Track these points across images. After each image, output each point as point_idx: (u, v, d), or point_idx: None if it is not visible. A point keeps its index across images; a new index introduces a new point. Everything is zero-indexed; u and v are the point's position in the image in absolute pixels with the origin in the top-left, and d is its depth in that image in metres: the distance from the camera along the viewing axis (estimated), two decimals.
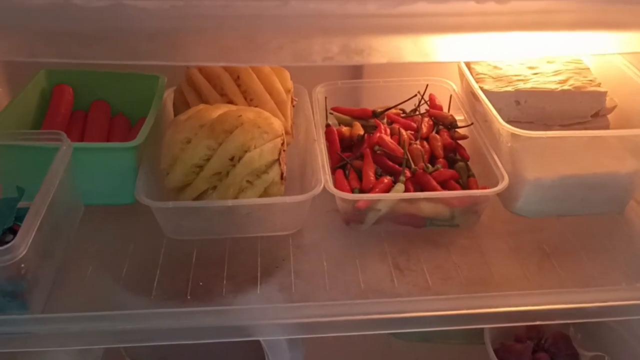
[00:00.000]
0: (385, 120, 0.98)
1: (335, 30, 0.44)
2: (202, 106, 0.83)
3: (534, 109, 0.90)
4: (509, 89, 0.91)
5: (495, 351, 0.95)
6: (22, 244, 0.61)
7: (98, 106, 0.96)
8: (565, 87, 0.90)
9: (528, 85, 0.91)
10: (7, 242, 0.70)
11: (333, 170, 0.87)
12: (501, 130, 0.82)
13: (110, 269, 0.76)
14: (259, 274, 0.76)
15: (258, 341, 0.81)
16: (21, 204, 0.73)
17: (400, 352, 0.96)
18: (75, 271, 0.74)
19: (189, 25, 0.44)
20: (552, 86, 0.90)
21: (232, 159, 0.78)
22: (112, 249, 0.79)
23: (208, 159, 0.78)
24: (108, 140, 0.92)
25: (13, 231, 0.72)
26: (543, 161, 0.81)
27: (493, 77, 0.94)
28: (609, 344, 0.98)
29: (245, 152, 0.78)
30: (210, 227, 0.80)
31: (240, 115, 0.79)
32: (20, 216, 0.72)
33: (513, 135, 0.79)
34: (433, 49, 0.46)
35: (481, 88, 0.90)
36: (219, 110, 0.81)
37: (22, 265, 0.63)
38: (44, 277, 0.69)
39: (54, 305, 0.69)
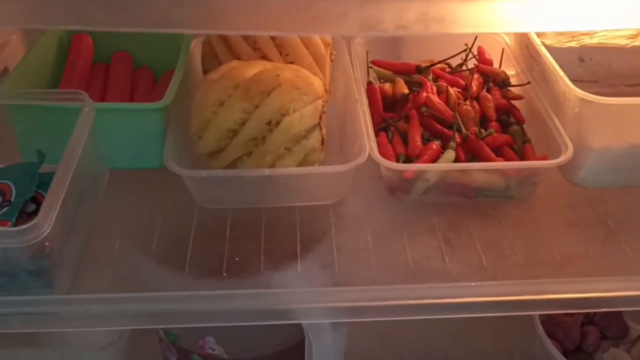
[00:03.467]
0: (430, 77, 0.90)
1: None
2: (235, 63, 0.75)
3: (600, 66, 0.81)
4: (573, 44, 0.82)
5: (542, 323, 0.90)
6: (46, 222, 0.56)
7: (120, 58, 0.89)
8: (637, 42, 0.81)
9: (594, 41, 0.82)
10: (30, 213, 0.65)
11: (375, 132, 0.80)
12: (567, 94, 0.74)
13: (139, 243, 0.70)
14: (298, 249, 0.71)
15: None
16: (42, 169, 0.68)
17: (442, 322, 0.91)
18: (102, 245, 0.69)
19: None
20: (622, 42, 0.81)
21: (269, 124, 0.71)
22: (140, 220, 0.74)
23: (243, 123, 0.71)
24: (131, 96, 0.85)
25: (35, 200, 0.66)
26: (612, 129, 0.73)
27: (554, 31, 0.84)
28: None
29: (284, 115, 0.71)
30: (245, 196, 0.74)
31: (278, 75, 0.72)
32: (42, 182, 0.67)
33: (583, 100, 0.71)
34: (524, 17, 0.38)
35: (544, 43, 0.81)
36: (254, 68, 0.73)
37: (46, 243, 0.58)
38: (69, 253, 0.64)
39: (80, 283, 0.64)
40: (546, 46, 0.81)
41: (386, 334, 0.95)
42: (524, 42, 0.89)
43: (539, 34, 0.83)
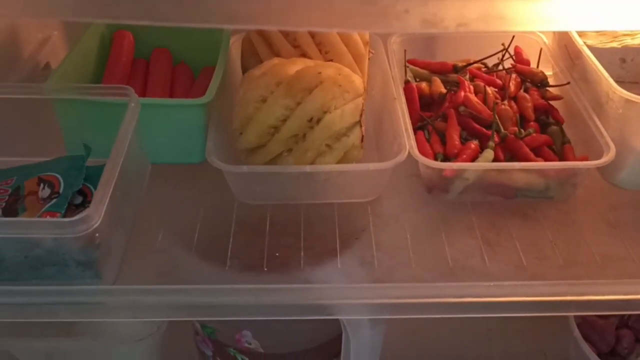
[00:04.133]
0: (467, 76, 0.90)
1: None
2: (276, 60, 0.76)
3: None
4: (615, 44, 0.81)
5: (577, 325, 0.89)
6: (97, 213, 0.57)
7: (160, 54, 0.90)
8: None
9: (637, 41, 0.81)
10: (77, 205, 0.67)
11: (413, 131, 0.80)
12: (611, 94, 0.73)
13: (181, 236, 0.71)
14: (337, 246, 0.71)
15: None
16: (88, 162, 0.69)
17: (475, 321, 0.91)
18: (145, 238, 0.70)
19: None
20: None
21: (310, 120, 0.71)
22: (182, 213, 0.75)
23: (284, 120, 0.72)
24: (171, 92, 0.86)
25: (82, 192, 0.68)
26: None
27: (595, 31, 0.84)
28: None
29: (325, 113, 0.71)
30: (284, 192, 0.75)
31: (320, 72, 0.72)
32: (88, 175, 0.68)
33: (627, 101, 0.70)
34: (591, 15, 0.38)
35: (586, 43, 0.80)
36: (296, 65, 0.74)
37: (97, 234, 0.59)
38: (116, 245, 0.66)
39: (126, 275, 0.65)
40: (587, 46, 0.81)
41: (419, 333, 0.95)
42: (563, 42, 0.89)
43: (580, 34, 0.83)
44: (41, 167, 0.69)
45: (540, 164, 0.74)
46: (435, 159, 0.77)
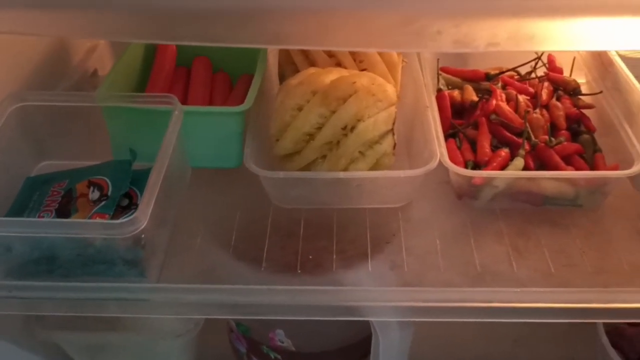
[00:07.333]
0: (499, 84, 0.91)
1: (504, 13, 0.39)
2: (313, 70, 0.79)
3: None
4: None
5: (606, 333, 0.90)
6: (143, 216, 0.61)
7: (200, 62, 0.94)
8: None
9: None
10: (124, 207, 0.71)
11: (444, 139, 0.82)
12: None
13: (219, 238, 0.75)
14: (369, 250, 0.74)
15: None
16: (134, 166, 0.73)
17: (503, 328, 0.93)
18: (185, 239, 0.74)
19: (339, 6, 0.39)
20: None
21: (344, 128, 0.74)
22: (219, 216, 0.78)
23: (319, 127, 0.75)
24: (211, 99, 0.90)
25: (128, 195, 0.72)
26: None
27: None
28: None
29: (359, 121, 0.74)
30: (318, 197, 0.77)
31: (355, 82, 0.75)
32: (134, 179, 0.72)
33: None
34: (619, 36, 0.40)
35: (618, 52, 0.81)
36: (331, 75, 0.77)
37: (142, 235, 0.63)
38: (160, 245, 0.69)
39: (168, 273, 0.69)
40: (620, 56, 0.81)
41: (447, 338, 0.97)
42: (596, 51, 0.89)
43: None
44: (91, 170, 0.73)
45: (569, 173, 0.75)
46: (466, 166, 0.79)
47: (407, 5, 0.39)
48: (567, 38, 0.40)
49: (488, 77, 0.92)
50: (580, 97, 0.88)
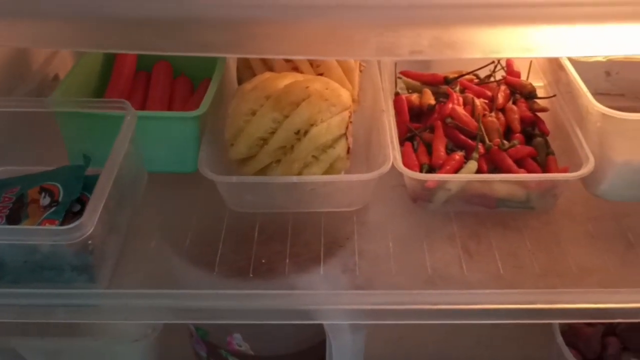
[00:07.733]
0: (457, 88, 0.92)
1: (426, 22, 0.40)
2: (268, 74, 0.79)
3: (626, 81, 0.83)
4: (600, 58, 0.83)
5: (563, 333, 0.91)
6: (90, 222, 0.61)
7: (160, 67, 0.94)
8: None
9: (621, 55, 0.83)
10: (75, 212, 0.71)
11: (401, 142, 0.83)
12: (590, 109, 0.75)
13: (174, 242, 0.75)
14: (322, 254, 0.74)
15: None
16: (87, 172, 0.73)
17: (462, 328, 0.94)
18: (139, 243, 0.74)
19: (266, 15, 0.40)
20: None
21: (297, 133, 0.75)
22: (175, 220, 0.78)
23: (273, 132, 0.75)
24: (170, 103, 0.90)
25: (80, 201, 0.72)
26: (635, 143, 0.74)
27: None
28: None
29: (312, 125, 0.74)
30: (273, 201, 0.78)
31: (307, 87, 0.75)
32: (87, 184, 0.72)
33: (604, 115, 0.72)
34: (535, 43, 0.41)
35: (568, 57, 0.83)
36: (286, 79, 0.77)
37: (90, 241, 0.63)
38: (110, 250, 0.69)
39: (119, 278, 0.69)
40: (573, 60, 0.83)
41: (406, 341, 0.98)
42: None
43: None
44: (44, 176, 0.73)
45: (520, 176, 0.77)
46: (421, 169, 0.79)
47: (331, 16, 0.40)
48: (486, 46, 0.41)
49: (447, 81, 0.93)
50: (535, 100, 0.90)
